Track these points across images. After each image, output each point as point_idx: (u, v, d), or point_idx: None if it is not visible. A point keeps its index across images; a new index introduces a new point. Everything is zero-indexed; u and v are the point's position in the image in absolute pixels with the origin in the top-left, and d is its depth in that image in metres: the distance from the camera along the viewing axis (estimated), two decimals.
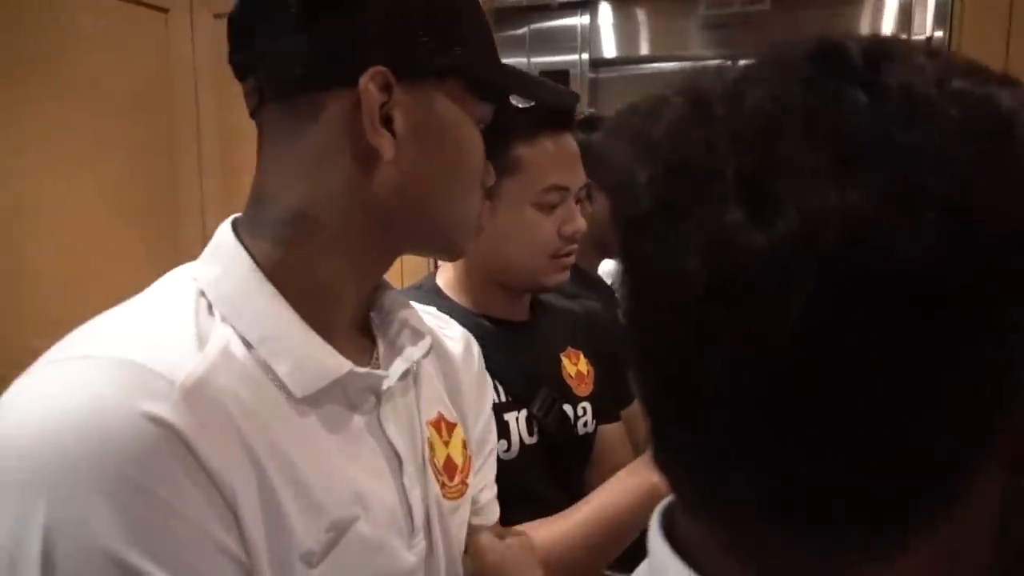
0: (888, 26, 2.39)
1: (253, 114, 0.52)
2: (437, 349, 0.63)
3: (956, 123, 0.24)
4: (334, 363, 0.49)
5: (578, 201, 0.92)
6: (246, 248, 0.50)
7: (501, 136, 0.86)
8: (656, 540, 0.32)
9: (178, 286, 0.49)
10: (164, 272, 0.52)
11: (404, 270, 1.64)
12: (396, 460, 0.53)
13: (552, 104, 0.59)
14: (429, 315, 0.68)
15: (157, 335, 0.44)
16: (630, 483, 0.82)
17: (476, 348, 0.72)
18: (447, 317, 0.72)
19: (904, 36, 2.32)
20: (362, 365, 0.53)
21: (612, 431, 1.03)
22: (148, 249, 1.64)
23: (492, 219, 0.88)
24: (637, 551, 0.83)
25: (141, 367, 0.41)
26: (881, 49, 0.26)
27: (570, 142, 0.90)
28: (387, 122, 0.48)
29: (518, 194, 0.87)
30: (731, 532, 0.29)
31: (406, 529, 0.52)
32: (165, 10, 1.63)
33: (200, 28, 1.71)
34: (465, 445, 0.63)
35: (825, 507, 0.26)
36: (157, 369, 0.41)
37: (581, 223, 0.91)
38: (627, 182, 0.29)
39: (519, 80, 0.59)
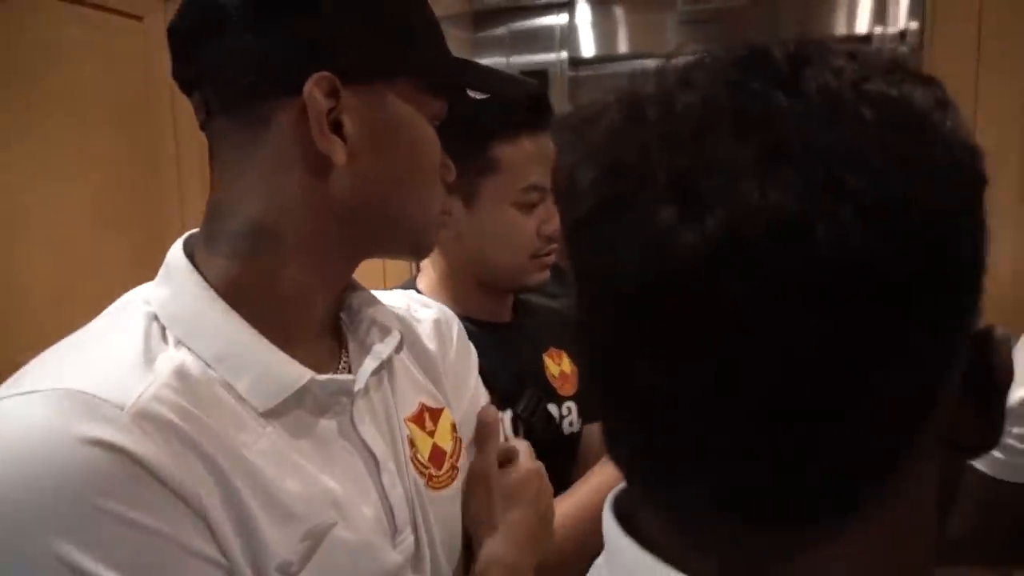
0: (864, 19, 2.41)
1: (203, 127, 0.52)
2: (409, 339, 0.62)
3: (871, 123, 0.25)
4: (294, 374, 0.49)
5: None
6: (198, 267, 0.50)
7: (480, 136, 0.86)
8: (611, 527, 0.33)
9: (129, 311, 0.49)
10: (150, 280, 0.52)
11: (387, 273, 1.64)
12: (373, 461, 0.53)
13: (508, 95, 0.59)
14: (400, 298, 0.68)
15: (104, 363, 0.44)
16: (613, 472, 0.82)
17: (455, 323, 0.71)
18: (423, 300, 0.71)
19: (879, 29, 2.35)
20: (332, 368, 0.53)
21: (598, 430, 1.03)
22: (134, 258, 1.62)
23: (472, 219, 0.89)
24: None
25: (87, 395, 0.41)
26: (804, 53, 0.27)
27: (548, 142, 0.91)
28: (337, 127, 0.48)
29: (498, 194, 0.88)
30: (682, 523, 0.30)
31: (389, 528, 0.53)
32: (140, 18, 1.63)
33: None
34: (454, 427, 0.63)
35: (762, 502, 0.27)
36: (104, 396, 0.41)
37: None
38: (570, 184, 0.30)
39: (471, 74, 0.59)
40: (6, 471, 0.38)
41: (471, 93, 0.58)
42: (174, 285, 0.50)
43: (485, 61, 2.53)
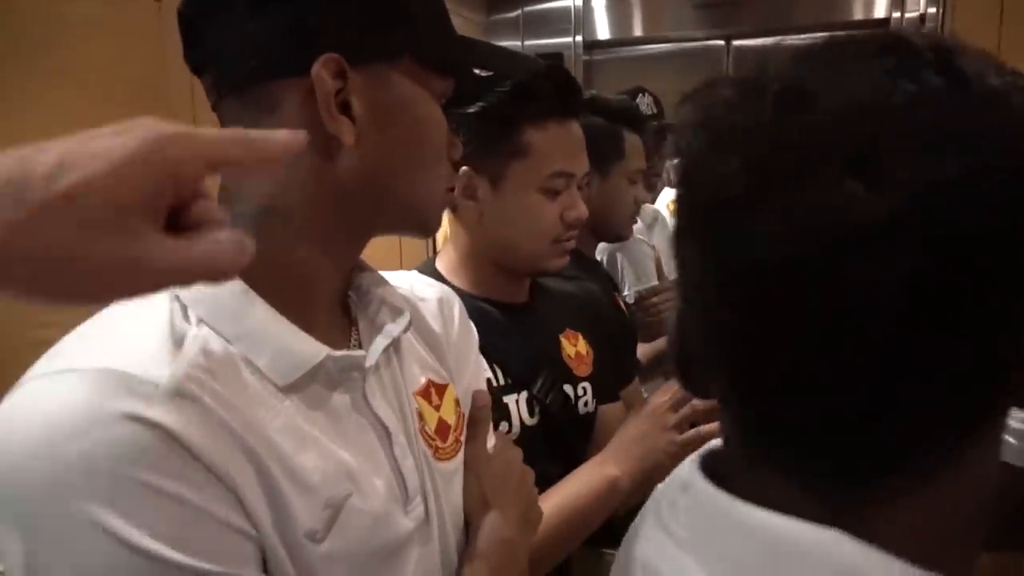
0: (882, 3, 2.39)
1: (214, 109, 0.53)
2: (416, 320, 0.64)
3: (1016, 107, 0.29)
4: (311, 350, 0.50)
5: (579, 187, 0.93)
6: None
7: (511, 121, 0.87)
8: (697, 477, 0.37)
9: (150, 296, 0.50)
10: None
11: (404, 254, 1.65)
12: (385, 433, 0.55)
13: (511, 73, 0.59)
14: (404, 279, 0.69)
15: (135, 342, 0.45)
16: (593, 476, 0.85)
17: (456, 303, 0.73)
18: (425, 280, 0.72)
19: (897, 14, 2.33)
20: (342, 346, 0.54)
21: (612, 410, 1.04)
22: None
23: (497, 201, 0.89)
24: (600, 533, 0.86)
25: (123, 374, 0.42)
26: (941, 43, 0.30)
27: (576, 129, 0.91)
28: (345, 108, 0.49)
29: (525, 178, 0.88)
30: (783, 476, 0.33)
31: (401, 497, 0.54)
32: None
33: None
34: (458, 403, 0.65)
35: (859, 462, 0.31)
36: (138, 374, 0.42)
37: (584, 210, 0.92)
38: (717, 164, 0.32)
39: (475, 52, 0.59)
40: (50, 445, 0.40)
41: (476, 72, 0.59)
42: None
43: (499, 43, 2.52)
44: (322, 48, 0.47)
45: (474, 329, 0.74)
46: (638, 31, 2.80)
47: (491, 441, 0.68)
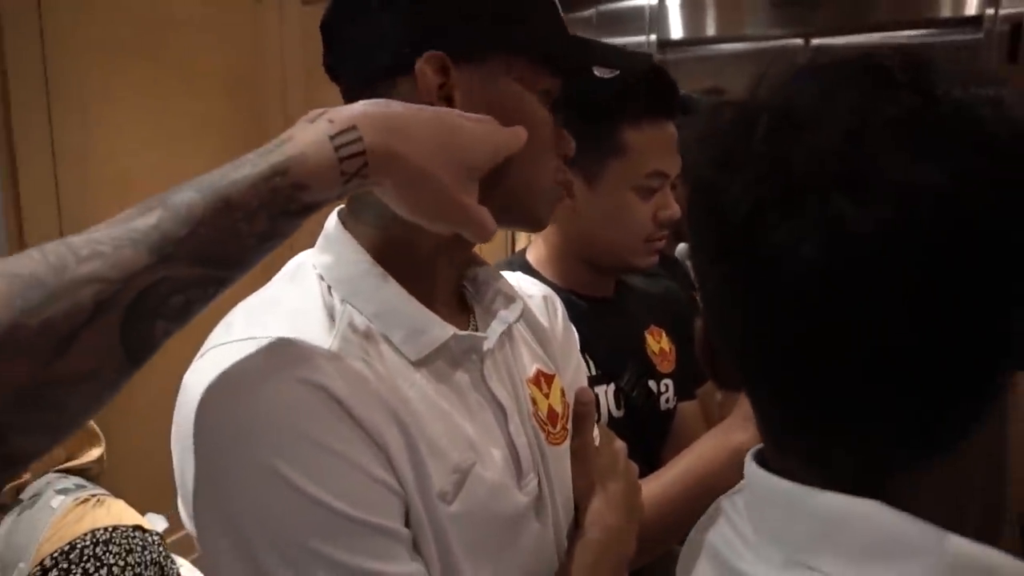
0: (973, 0, 2.30)
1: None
2: (524, 311, 0.67)
3: (989, 120, 0.31)
4: (439, 329, 0.54)
5: (672, 187, 0.94)
6: (352, 234, 0.56)
7: (610, 120, 0.89)
8: (754, 468, 0.40)
9: (303, 274, 0.56)
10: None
11: (483, 247, 1.69)
12: (501, 412, 0.58)
13: (624, 69, 0.60)
14: (510, 277, 0.72)
15: (299, 315, 0.51)
16: (718, 443, 0.84)
17: (559, 303, 0.76)
18: (527, 278, 0.76)
19: (991, 11, 2.23)
20: (462, 329, 0.58)
21: (690, 408, 1.05)
22: None
23: (592, 199, 0.91)
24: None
25: (294, 342, 0.48)
26: (913, 63, 0.33)
27: (672, 130, 0.92)
28: (449, 102, 0.53)
29: (621, 177, 0.90)
30: (820, 458, 0.36)
31: (515, 473, 0.57)
32: None
33: (288, 15, 1.78)
34: (563, 393, 0.68)
35: (901, 444, 0.34)
36: (306, 342, 0.48)
37: (676, 209, 0.93)
38: (724, 185, 0.35)
39: (584, 51, 0.60)
40: (237, 404, 0.45)
41: (597, 72, 0.60)
42: (334, 252, 0.56)
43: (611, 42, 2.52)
44: (429, 46, 0.52)
45: (575, 330, 0.77)
46: (712, 30, 2.76)
47: (596, 433, 0.70)
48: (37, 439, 0.38)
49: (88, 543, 0.81)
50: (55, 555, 0.80)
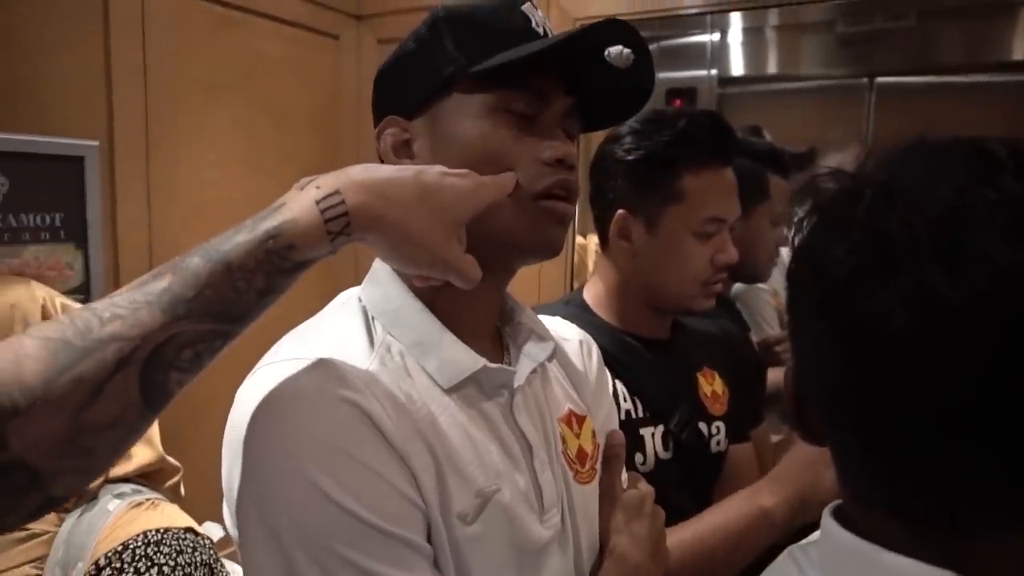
0: None
1: None
2: (559, 354, 0.70)
3: None
4: (471, 360, 0.58)
5: (730, 230, 0.96)
6: (397, 273, 0.61)
7: (669, 167, 0.91)
8: (831, 524, 0.41)
9: (350, 305, 0.62)
10: (326, 270, 0.64)
11: (542, 287, 1.74)
12: (527, 447, 0.61)
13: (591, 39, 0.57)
14: (548, 321, 0.75)
15: (342, 341, 0.56)
16: (744, 505, 0.84)
17: (595, 348, 0.79)
18: (566, 323, 0.79)
19: None
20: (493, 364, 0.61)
21: (742, 451, 1.05)
22: None
23: (651, 243, 0.94)
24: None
25: (335, 363, 0.52)
26: (1019, 150, 0.34)
27: (730, 175, 0.94)
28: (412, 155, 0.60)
29: (680, 222, 0.92)
30: (904, 519, 0.37)
31: (537, 506, 0.60)
32: (336, 36, 1.81)
33: (365, 52, 1.86)
34: (594, 434, 0.70)
35: (979, 500, 0.35)
36: (348, 365, 0.52)
37: (734, 253, 0.94)
38: (826, 248, 0.38)
39: (518, 55, 0.56)
40: (283, 419, 0.50)
41: (608, 59, 0.58)
42: (381, 287, 0.62)
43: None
44: (388, 112, 0.61)
45: (608, 374, 0.80)
46: (773, 67, 2.75)
47: (624, 476, 0.72)
48: (72, 482, 0.43)
49: (140, 544, 0.85)
50: (109, 554, 0.84)
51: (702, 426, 0.98)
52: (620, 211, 0.95)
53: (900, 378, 0.35)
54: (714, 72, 2.62)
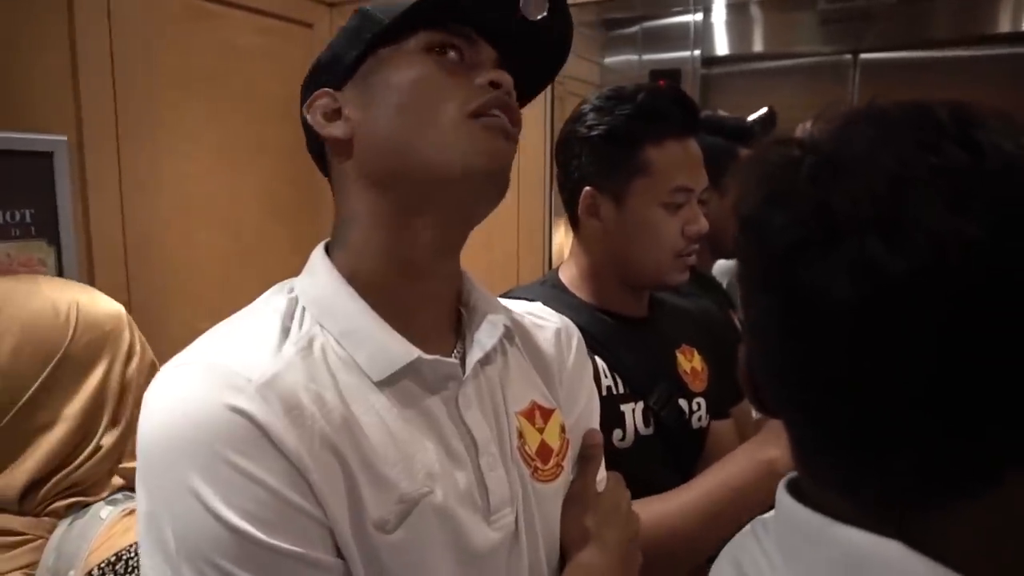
0: None
1: None
2: (528, 344, 0.67)
3: None
4: (404, 350, 0.55)
5: (700, 203, 0.96)
6: (333, 262, 0.59)
7: (631, 141, 0.91)
8: (785, 498, 0.41)
9: (274, 299, 0.58)
10: (305, 261, 0.62)
11: (520, 270, 1.73)
12: (473, 444, 0.57)
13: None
14: (527, 306, 0.73)
15: (243, 342, 0.53)
16: (749, 458, 0.83)
17: (575, 336, 0.75)
18: (548, 311, 0.76)
19: None
20: (445, 355, 0.58)
21: (724, 427, 1.05)
22: (293, 242, 1.80)
23: (621, 218, 0.93)
24: None
25: (225, 368, 0.49)
26: (964, 115, 0.34)
27: (694, 146, 0.94)
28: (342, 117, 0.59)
29: (647, 195, 0.92)
30: (854, 490, 0.37)
31: (483, 507, 0.56)
32: (310, 25, 1.79)
33: None
34: (563, 429, 0.66)
35: (927, 475, 0.34)
36: (238, 369, 0.49)
37: (704, 223, 0.94)
38: (767, 219, 0.36)
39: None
40: (169, 426, 0.48)
41: (522, 9, 0.57)
42: (314, 275, 0.59)
43: (616, 59, 2.55)
44: (319, 86, 0.60)
45: (590, 365, 0.77)
46: (758, 47, 2.74)
47: (601, 474, 0.69)
48: None
49: (133, 554, 0.84)
50: (102, 565, 0.82)
51: (682, 403, 0.98)
52: (587, 188, 0.95)
53: (843, 353, 0.34)
54: (697, 53, 2.60)
